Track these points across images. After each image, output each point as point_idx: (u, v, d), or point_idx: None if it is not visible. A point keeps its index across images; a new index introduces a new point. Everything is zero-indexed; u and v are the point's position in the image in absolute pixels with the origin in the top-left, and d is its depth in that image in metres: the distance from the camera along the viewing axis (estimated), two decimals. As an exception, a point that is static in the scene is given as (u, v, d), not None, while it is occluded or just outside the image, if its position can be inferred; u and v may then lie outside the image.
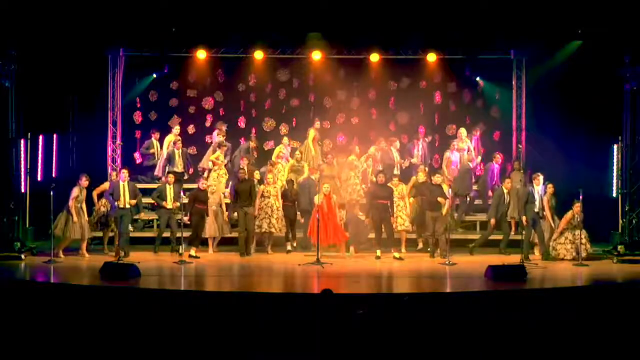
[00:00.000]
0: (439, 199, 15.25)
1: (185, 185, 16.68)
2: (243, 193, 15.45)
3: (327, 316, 8.90)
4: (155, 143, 18.11)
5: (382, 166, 17.00)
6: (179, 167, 17.14)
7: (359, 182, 16.49)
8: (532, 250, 15.41)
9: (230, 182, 16.53)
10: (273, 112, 19.42)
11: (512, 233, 15.92)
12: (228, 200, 16.16)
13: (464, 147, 17.42)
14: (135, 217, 16.10)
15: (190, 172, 17.58)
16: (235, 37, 17.82)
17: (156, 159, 17.91)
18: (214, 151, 17.41)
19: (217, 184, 16.39)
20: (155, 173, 17.66)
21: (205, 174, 16.88)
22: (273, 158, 17.32)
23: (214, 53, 18.65)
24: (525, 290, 12.38)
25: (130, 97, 18.95)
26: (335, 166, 16.70)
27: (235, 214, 15.80)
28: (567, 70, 17.51)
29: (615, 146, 16.21)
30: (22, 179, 15.83)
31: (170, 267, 14.13)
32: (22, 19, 15.20)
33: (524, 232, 14.92)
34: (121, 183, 15.12)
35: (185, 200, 15.36)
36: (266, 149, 18.85)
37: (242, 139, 18.65)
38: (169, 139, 17.77)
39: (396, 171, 17.23)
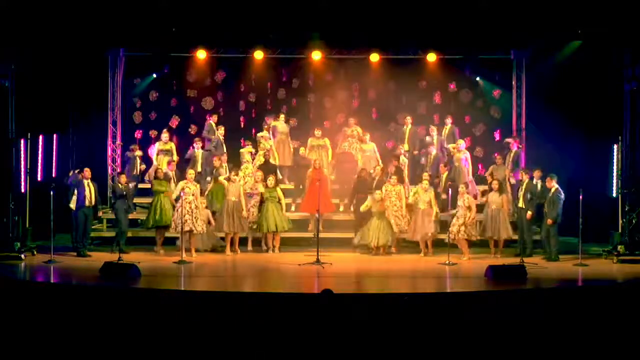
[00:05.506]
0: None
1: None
2: None
3: (327, 316, 8.90)
4: (213, 126, 18.00)
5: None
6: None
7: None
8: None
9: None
10: (273, 112, 19.40)
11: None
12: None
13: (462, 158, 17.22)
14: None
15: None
16: (235, 37, 17.82)
17: (217, 143, 17.73)
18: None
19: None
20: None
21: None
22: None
23: (214, 53, 18.64)
24: (525, 290, 12.40)
25: (138, 89, 19.05)
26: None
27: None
28: (567, 70, 17.50)
29: (615, 146, 16.17)
30: (22, 179, 15.81)
31: (170, 267, 14.12)
32: (22, 19, 15.19)
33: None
34: (85, 181, 14.97)
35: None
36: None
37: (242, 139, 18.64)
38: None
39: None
